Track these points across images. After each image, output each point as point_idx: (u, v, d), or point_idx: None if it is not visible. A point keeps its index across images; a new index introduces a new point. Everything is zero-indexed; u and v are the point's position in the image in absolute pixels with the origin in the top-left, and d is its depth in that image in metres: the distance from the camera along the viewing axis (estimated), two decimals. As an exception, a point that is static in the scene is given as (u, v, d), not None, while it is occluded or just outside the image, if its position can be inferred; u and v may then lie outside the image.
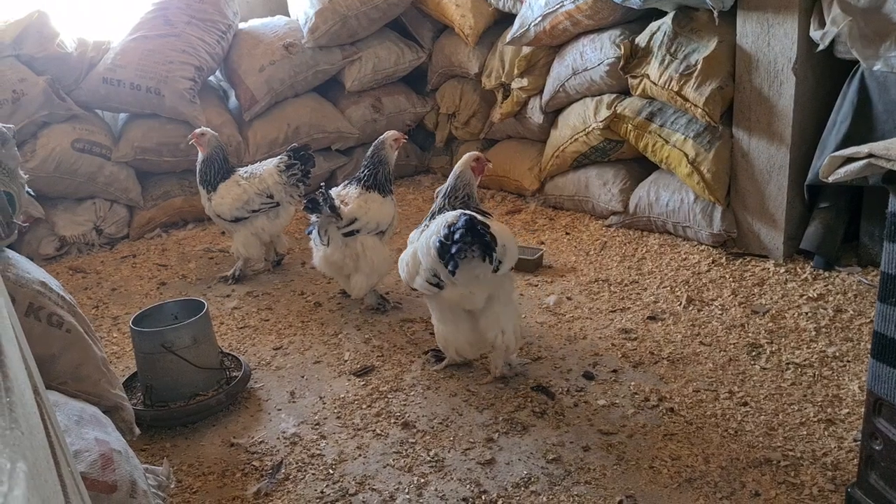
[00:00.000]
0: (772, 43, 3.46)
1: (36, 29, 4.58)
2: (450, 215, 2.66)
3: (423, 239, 2.74)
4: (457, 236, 2.49)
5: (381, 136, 3.58)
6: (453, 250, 2.50)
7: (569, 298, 3.58)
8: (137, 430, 2.03)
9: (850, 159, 1.64)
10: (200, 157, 4.03)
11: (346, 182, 3.58)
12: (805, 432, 2.44)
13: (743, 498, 2.18)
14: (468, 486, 2.32)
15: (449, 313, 2.85)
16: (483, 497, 2.27)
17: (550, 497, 2.24)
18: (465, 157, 2.98)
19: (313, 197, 3.19)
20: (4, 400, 0.66)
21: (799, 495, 2.16)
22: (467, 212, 2.65)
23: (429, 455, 2.49)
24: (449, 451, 2.50)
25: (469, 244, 2.51)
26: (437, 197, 3.01)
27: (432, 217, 2.87)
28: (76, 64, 4.75)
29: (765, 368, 2.83)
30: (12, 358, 0.82)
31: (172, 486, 1.91)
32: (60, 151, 4.53)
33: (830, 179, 1.67)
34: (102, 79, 4.74)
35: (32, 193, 2.74)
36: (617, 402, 2.70)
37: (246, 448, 2.63)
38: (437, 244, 2.57)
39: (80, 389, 1.81)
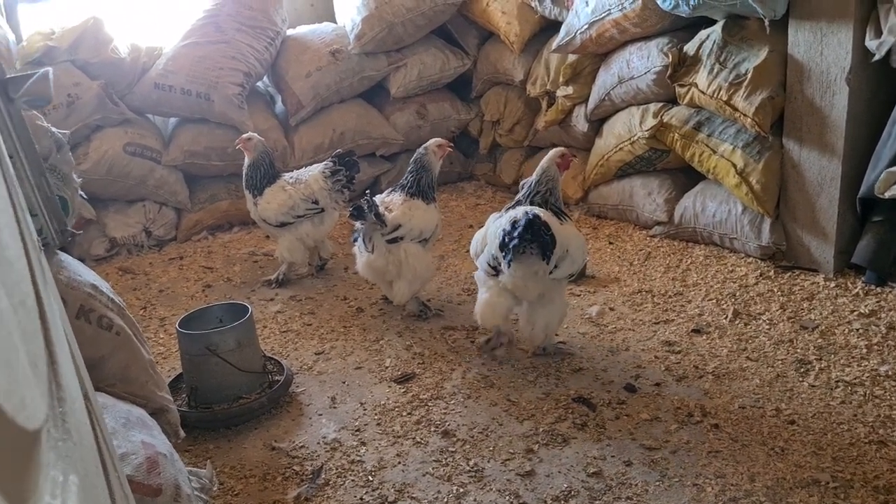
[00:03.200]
0: (825, 52, 3.38)
1: (91, 35, 4.70)
2: (519, 210, 2.86)
3: (494, 226, 2.93)
4: (517, 232, 2.67)
5: (426, 143, 3.59)
6: (511, 245, 2.69)
7: (611, 309, 3.54)
8: (182, 433, 2.06)
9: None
10: (247, 161, 4.08)
11: (391, 189, 3.60)
12: (855, 453, 2.37)
13: (789, 519, 2.13)
14: (507, 497, 2.31)
15: (496, 288, 3.00)
16: (522, 509, 2.25)
17: (591, 511, 2.21)
18: (552, 152, 3.12)
19: (358, 204, 3.21)
20: (58, 410, 0.67)
21: (848, 518, 2.11)
22: (535, 210, 2.83)
23: (468, 465, 2.48)
24: (488, 462, 2.49)
25: (529, 241, 2.69)
26: (521, 188, 3.15)
27: (515, 205, 3.03)
28: (129, 69, 4.85)
29: (813, 386, 2.76)
30: (65, 366, 0.84)
31: (215, 488, 1.93)
32: (113, 154, 4.64)
33: (887, 195, 1.63)
34: (154, 84, 4.84)
35: (85, 196, 2.81)
36: (660, 416, 2.67)
37: (287, 452, 2.65)
38: (501, 235, 2.77)
39: (127, 391, 1.85)
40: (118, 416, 1.61)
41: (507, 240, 2.72)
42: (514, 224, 2.72)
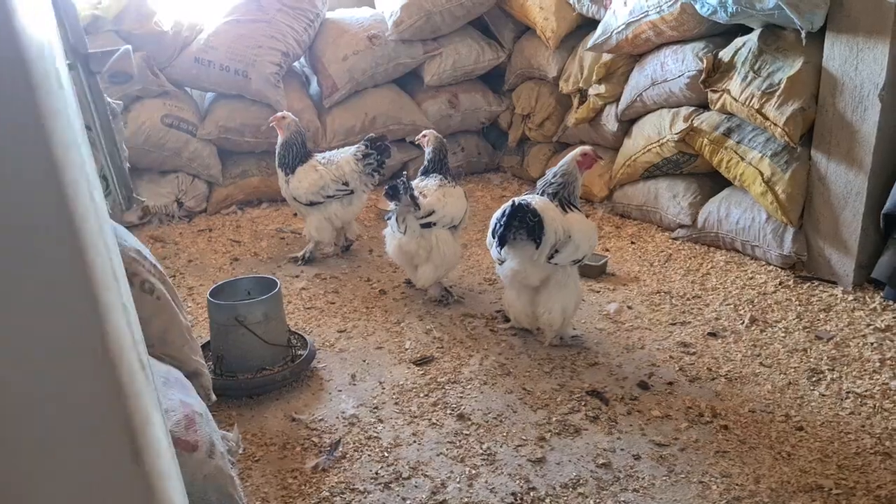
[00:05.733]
0: (860, 67, 3.41)
1: (135, 7, 4.79)
2: (515, 200, 3.00)
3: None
4: (503, 220, 2.88)
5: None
6: (499, 232, 2.91)
7: (629, 307, 3.60)
8: (213, 397, 2.16)
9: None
10: (280, 139, 4.17)
11: (421, 175, 3.70)
12: (860, 463, 2.43)
13: (791, 521, 2.19)
14: (518, 481, 2.39)
15: (511, 283, 3.21)
16: (531, 494, 2.33)
17: (598, 501, 2.29)
18: (576, 150, 3.25)
19: (395, 184, 3.30)
20: (143, 354, 0.76)
21: (848, 524, 2.17)
22: (525, 199, 3.01)
23: (481, 448, 2.56)
24: (501, 446, 2.57)
25: (516, 228, 2.89)
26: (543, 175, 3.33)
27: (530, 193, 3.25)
28: (171, 42, 4.95)
29: (824, 395, 2.81)
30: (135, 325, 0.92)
31: (241, 451, 2.02)
32: (150, 125, 4.74)
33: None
34: (194, 58, 4.93)
35: (129, 166, 2.90)
36: (671, 414, 2.73)
37: (306, 424, 2.75)
38: (493, 224, 3.00)
39: (165, 353, 1.94)
40: (158, 375, 1.70)
41: (496, 227, 2.95)
42: (502, 213, 2.93)
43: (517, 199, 2.94)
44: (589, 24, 4.95)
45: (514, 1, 5.35)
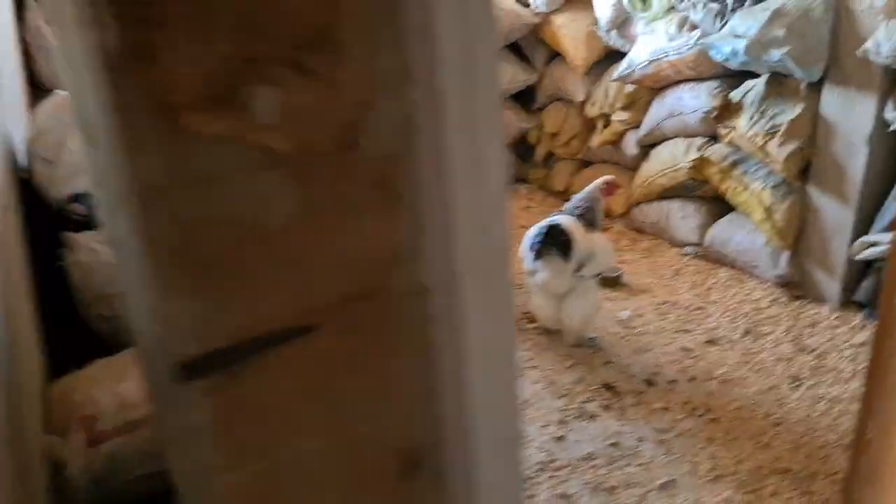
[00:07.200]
0: (851, 117, 3.89)
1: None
2: (545, 220, 3.49)
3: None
4: (538, 238, 3.39)
5: None
6: (535, 247, 3.42)
7: (640, 315, 4.11)
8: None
9: (873, 244, 2.16)
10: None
11: None
12: (823, 453, 2.95)
13: (763, 495, 2.72)
14: (543, 454, 2.93)
15: (540, 291, 3.69)
16: (554, 463, 2.87)
17: (608, 471, 2.83)
18: (600, 179, 3.77)
19: None
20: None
21: (809, 499, 2.70)
22: (557, 219, 3.49)
23: (513, 426, 3.10)
24: (529, 426, 3.10)
25: (549, 244, 3.37)
26: (570, 200, 3.83)
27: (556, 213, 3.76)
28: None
29: (801, 398, 3.33)
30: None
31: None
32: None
33: (857, 258, 2.19)
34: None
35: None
36: (670, 407, 3.25)
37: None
38: (529, 240, 3.51)
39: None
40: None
41: (533, 243, 3.45)
42: (538, 232, 3.43)
43: (550, 220, 3.47)
44: (615, 55, 5.41)
45: (547, 29, 5.83)
